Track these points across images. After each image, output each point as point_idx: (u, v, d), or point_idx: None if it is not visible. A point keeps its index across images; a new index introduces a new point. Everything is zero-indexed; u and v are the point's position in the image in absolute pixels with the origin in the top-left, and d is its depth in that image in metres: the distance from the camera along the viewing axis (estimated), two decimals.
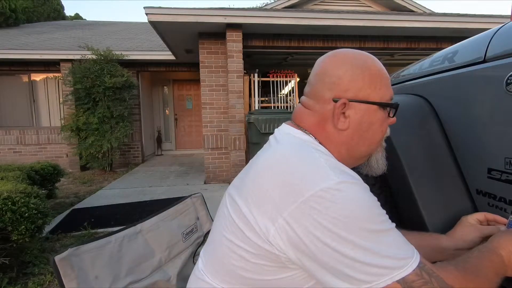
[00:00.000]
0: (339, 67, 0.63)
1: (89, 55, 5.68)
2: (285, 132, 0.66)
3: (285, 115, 4.58)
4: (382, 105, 0.63)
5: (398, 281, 0.50)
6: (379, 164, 0.70)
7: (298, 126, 0.66)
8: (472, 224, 0.74)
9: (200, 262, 0.69)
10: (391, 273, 0.50)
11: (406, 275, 0.50)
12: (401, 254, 0.52)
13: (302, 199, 0.51)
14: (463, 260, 0.58)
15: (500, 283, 0.59)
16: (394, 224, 0.54)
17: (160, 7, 4.32)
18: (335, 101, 0.61)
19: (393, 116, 0.67)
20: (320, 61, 0.67)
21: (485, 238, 0.70)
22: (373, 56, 0.66)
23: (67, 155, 6.59)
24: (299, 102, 0.70)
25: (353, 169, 0.61)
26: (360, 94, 0.62)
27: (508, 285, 0.87)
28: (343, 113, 0.62)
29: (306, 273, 0.55)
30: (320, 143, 0.63)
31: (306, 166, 0.55)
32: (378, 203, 0.54)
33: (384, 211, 0.54)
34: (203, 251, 0.71)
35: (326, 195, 0.50)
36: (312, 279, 0.56)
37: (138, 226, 0.86)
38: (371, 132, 0.64)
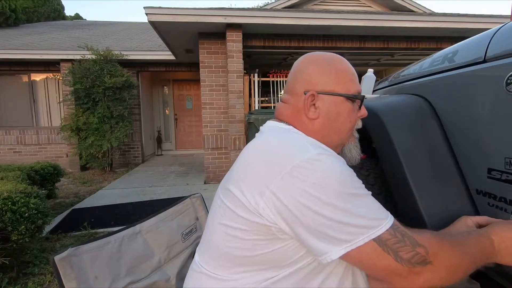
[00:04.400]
0: (310, 66, 0.73)
1: (89, 55, 5.68)
2: (268, 126, 0.76)
3: None
4: (347, 97, 0.71)
5: (374, 240, 0.56)
6: (352, 153, 0.77)
7: (280, 120, 0.75)
8: (468, 226, 0.73)
9: (196, 256, 0.74)
10: (367, 232, 0.56)
11: (381, 233, 0.56)
12: (376, 215, 0.58)
13: (285, 171, 0.57)
14: (444, 232, 0.66)
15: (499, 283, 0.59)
16: (370, 192, 0.61)
17: (160, 7, 4.32)
18: (306, 94, 0.70)
19: (359, 108, 0.75)
20: (295, 63, 0.77)
21: None
22: (341, 56, 0.75)
23: (67, 155, 6.59)
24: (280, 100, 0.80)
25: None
26: (327, 87, 0.71)
27: (508, 285, 0.87)
28: (314, 104, 0.71)
29: (297, 242, 0.60)
30: (298, 130, 0.71)
31: (288, 144, 0.63)
32: (354, 174, 0.61)
33: (360, 180, 0.61)
34: (198, 247, 0.75)
35: (306, 165, 0.57)
36: (303, 249, 0.61)
37: (138, 227, 0.86)
38: (340, 121, 0.72)
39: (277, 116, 0.77)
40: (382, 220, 0.57)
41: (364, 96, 0.74)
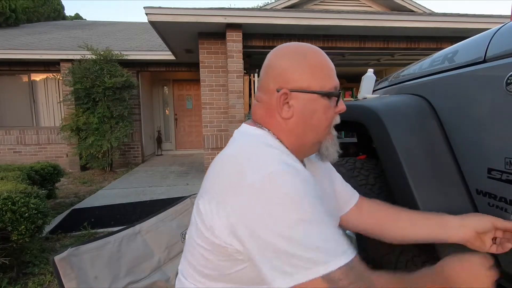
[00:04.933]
0: (281, 59, 0.66)
1: (89, 55, 5.68)
2: (241, 131, 0.70)
3: None
4: (322, 94, 0.65)
5: (322, 277, 0.48)
6: (329, 151, 0.71)
7: (255, 122, 0.70)
8: (487, 215, 0.74)
9: (180, 264, 0.72)
10: (315, 267, 0.49)
11: (332, 270, 0.48)
12: (330, 248, 0.50)
13: (240, 189, 0.54)
14: (405, 273, 0.58)
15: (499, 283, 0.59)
16: (330, 218, 0.54)
17: (160, 7, 4.32)
18: (278, 91, 0.65)
19: (336, 105, 0.69)
20: (268, 55, 0.70)
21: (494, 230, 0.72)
22: (316, 48, 0.68)
23: (67, 155, 6.58)
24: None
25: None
26: (301, 84, 0.65)
27: (508, 285, 0.87)
28: (287, 102, 0.65)
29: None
30: (274, 134, 0.67)
31: (249, 158, 0.58)
32: (316, 195, 0.54)
33: (320, 204, 0.54)
34: (182, 254, 0.74)
35: (261, 185, 0.52)
36: None
37: (137, 227, 0.86)
38: (315, 119, 0.66)
39: (252, 117, 0.72)
40: (337, 256, 0.50)
41: (340, 93, 0.69)
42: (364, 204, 0.86)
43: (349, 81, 9.20)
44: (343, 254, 0.51)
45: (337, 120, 0.72)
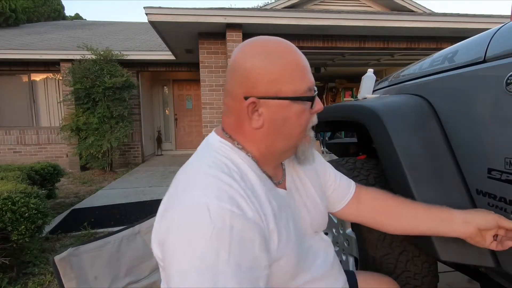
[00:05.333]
0: (247, 61, 0.58)
1: (89, 55, 5.68)
2: (207, 141, 0.65)
3: None
4: (295, 100, 0.58)
5: None
6: (305, 155, 0.66)
7: (223, 130, 0.64)
8: (491, 212, 0.73)
9: None
10: None
11: None
12: None
13: (167, 214, 0.53)
14: None
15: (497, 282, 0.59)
16: (239, 271, 0.47)
17: (160, 7, 4.32)
18: (246, 99, 0.58)
19: (311, 107, 0.62)
20: (232, 54, 0.62)
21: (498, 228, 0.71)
22: (287, 44, 0.61)
23: (67, 155, 6.59)
24: None
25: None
26: (270, 89, 0.57)
27: (508, 285, 0.87)
28: (256, 110, 0.58)
29: None
30: (241, 145, 0.61)
31: (183, 186, 0.54)
32: (240, 240, 0.48)
33: (241, 252, 0.47)
34: None
35: (175, 217, 0.50)
36: None
37: (137, 227, 0.86)
38: (288, 127, 0.60)
39: (222, 125, 0.66)
40: None
41: (313, 97, 0.62)
42: (362, 194, 0.85)
43: (349, 81, 9.22)
44: None
45: (314, 121, 0.66)
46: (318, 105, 0.63)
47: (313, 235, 0.72)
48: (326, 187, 0.81)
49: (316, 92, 0.63)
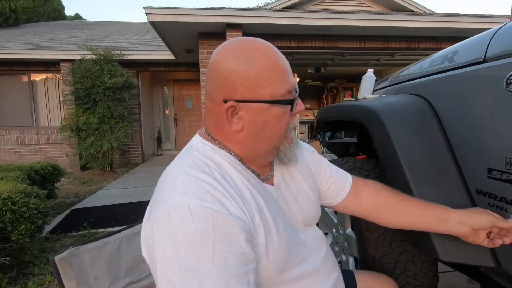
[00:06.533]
0: (225, 63, 0.57)
1: (89, 55, 5.68)
2: (190, 143, 0.66)
3: None
4: (274, 103, 0.58)
5: None
6: (288, 156, 0.66)
7: (205, 132, 0.65)
8: (488, 213, 0.75)
9: None
10: None
11: None
12: None
13: (151, 215, 0.53)
14: None
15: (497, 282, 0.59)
16: (224, 269, 0.47)
17: (160, 7, 4.32)
18: (226, 102, 0.58)
19: (292, 110, 0.62)
20: (211, 56, 0.62)
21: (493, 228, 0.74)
22: (265, 45, 0.60)
23: (67, 155, 6.58)
24: None
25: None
26: (249, 93, 0.57)
27: (508, 285, 0.87)
28: (236, 113, 0.58)
29: None
30: (224, 145, 0.62)
31: (169, 183, 0.56)
32: (223, 238, 0.48)
33: (217, 253, 0.47)
34: None
35: (158, 217, 0.51)
36: None
37: (137, 227, 0.86)
38: (268, 129, 0.60)
39: (204, 127, 0.67)
40: None
41: (292, 100, 0.61)
42: (360, 187, 0.85)
43: (349, 81, 9.21)
44: None
45: (295, 122, 0.66)
46: (299, 106, 0.63)
47: (304, 229, 0.72)
48: (323, 183, 0.82)
49: (297, 94, 0.63)
